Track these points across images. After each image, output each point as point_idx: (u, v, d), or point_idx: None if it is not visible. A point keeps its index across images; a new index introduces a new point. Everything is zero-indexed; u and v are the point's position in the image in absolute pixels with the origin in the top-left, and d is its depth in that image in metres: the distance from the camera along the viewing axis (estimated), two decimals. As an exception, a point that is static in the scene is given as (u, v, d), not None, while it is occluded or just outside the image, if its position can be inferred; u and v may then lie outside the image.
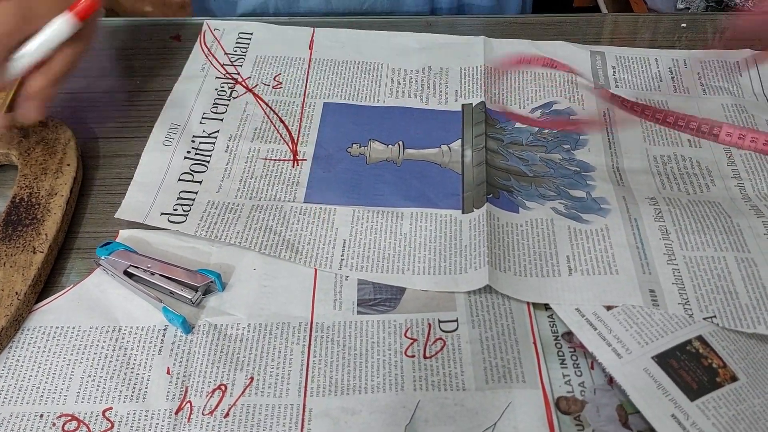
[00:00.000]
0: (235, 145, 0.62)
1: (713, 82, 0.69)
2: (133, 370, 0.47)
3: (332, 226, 0.55)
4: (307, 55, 0.71)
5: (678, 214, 0.55)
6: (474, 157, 0.60)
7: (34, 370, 0.47)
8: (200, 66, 0.69)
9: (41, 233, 0.52)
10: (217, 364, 0.47)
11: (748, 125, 0.64)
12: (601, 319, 0.48)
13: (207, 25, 0.73)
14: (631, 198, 0.57)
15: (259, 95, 0.66)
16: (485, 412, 0.44)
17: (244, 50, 0.71)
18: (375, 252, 0.53)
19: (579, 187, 0.58)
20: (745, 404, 0.43)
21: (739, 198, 0.57)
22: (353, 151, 0.61)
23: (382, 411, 0.45)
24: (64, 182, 0.56)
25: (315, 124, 0.64)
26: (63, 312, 0.50)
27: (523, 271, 0.52)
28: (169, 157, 0.60)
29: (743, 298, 0.49)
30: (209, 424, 0.44)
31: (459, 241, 0.54)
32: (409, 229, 0.55)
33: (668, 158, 0.61)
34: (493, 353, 0.47)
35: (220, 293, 0.51)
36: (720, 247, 0.52)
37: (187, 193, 0.57)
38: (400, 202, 0.57)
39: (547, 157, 0.61)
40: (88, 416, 0.45)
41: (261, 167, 0.60)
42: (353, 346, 0.48)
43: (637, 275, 0.51)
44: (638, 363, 0.45)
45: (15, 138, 0.59)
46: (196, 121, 0.63)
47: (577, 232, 0.54)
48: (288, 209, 0.56)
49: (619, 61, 0.70)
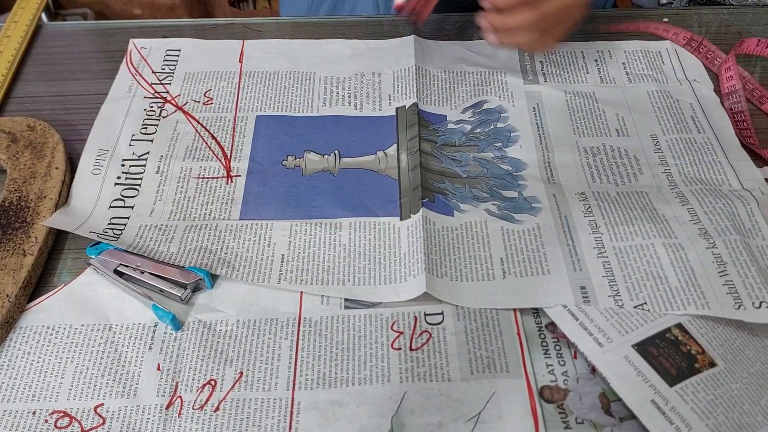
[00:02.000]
0: (166, 165, 0.60)
1: (638, 71, 0.70)
2: (124, 366, 0.48)
3: (269, 242, 0.54)
4: (237, 68, 0.69)
5: (606, 208, 0.56)
6: (409, 161, 0.60)
7: (26, 369, 0.47)
8: (127, 87, 0.67)
9: (31, 236, 0.53)
10: (206, 360, 0.48)
11: (673, 110, 0.66)
12: (583, 309, 0.49)
13: (133, 43, 0.72)
14: (561, 195, 0.58)
15: (189, 113, 0.65)
16: (470, 402, 0.45)
17: (173, 67, 0.69)
18: (314, 265, 0.53)
19: (511, 188, 0.58)
20: (723, 389, 0.44)
21: (666, 186, 0.59)
22: (288, 164, 0.60)
23: (369, 402, 0.46)
24: (53, 185, 0.56)
25: (248, 139, 0.62)
26: (54, 311, 0.50)
27: (459, 275, 0.52)
28: (99, 185, 0.58)
29: (672, 281, 0.50)
30: (199, 418, 0.45)
31: (398, 248, 0.54)
32: (348, 240, 0.54)
33: (597, 149, 0.62)
34: (478, 345, 0.48)
35: (210, 291, 0.52)
36: (648, 235, 0.54)
37: (119, 218, 0.56)
38: (338, 213, 0.56)
39: (480, 157, 0.61)
40: (80, 413, 0.45)
41: (194, 186, 0.58)
42: (341, 340, 0.49)
43: (568, 273, 0.52)
44: (619, 351, 0.46)
45: (3, 142, 0.59)
46: (125, 143, 0.62)
47: (510, 233, 0.55)
48: (223, 227, 0.55)
49: (547, 56, 0.71)
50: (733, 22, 0.77)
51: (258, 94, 0.67)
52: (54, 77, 0.70)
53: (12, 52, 0.71)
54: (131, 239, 0.54)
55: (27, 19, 0.75)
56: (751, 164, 0.61)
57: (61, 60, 0.72)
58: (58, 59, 0.72)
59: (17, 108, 0.66)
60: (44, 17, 0.77)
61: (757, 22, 0.77)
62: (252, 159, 0.61)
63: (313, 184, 0.59)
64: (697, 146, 0.63)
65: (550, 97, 0.67)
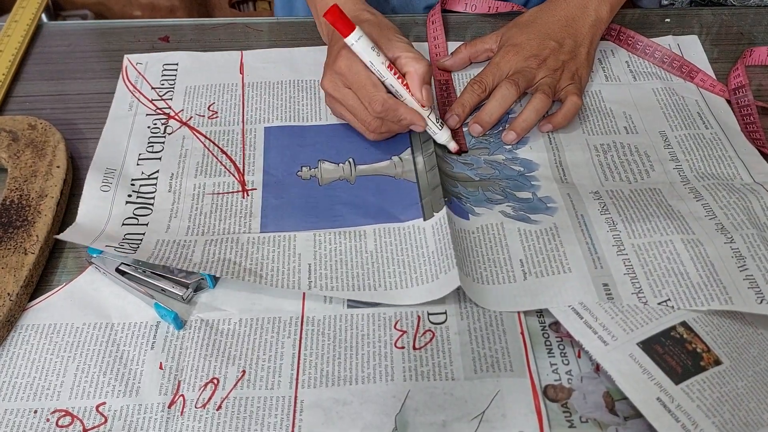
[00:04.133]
0: (178, 183, 0.59)
1: (642, 69, 0.70)
2: (126, 365, 0.47)
3: (294, 252, 0.53)
4: (238, 80, 0.68)
5: (622, 206, 0.56)
6: (426, 162, 0.60)
7: (27, 368, 0.47)
8: (128, 104, 0.66)
9: (32, 235, 0.53)
10: (209, 359, 0.48)
11: (679, 106, 0.66)
12: (587, 308, 0.49)
13: (127, 60, 0.70)
14: (575, 194, 0.57)
15: (195, 128, 0.64)
16: (474, 401, 0.45)
17: (172, 82, 0.68)
18: (343, 273, 0.52)
19: (524, 189, 0.58)
20: (729, 386, 0.44)
21: (678, 181, 0.59)
22: (303, 174, 0.60)
23: (373, 401, 0.45)
24: (54, 184, 0.56)
25: (259, 151, 0.61)
26: (56, 310, 0.50)
27: (480, 278, 0.51)
28: (110, 203, 0.57)
29: (694, 278, 0.50)
30: (202, 416, 0.45)
31: (426, 248, 0.53)
32: (374, 247, 0.54)
33: (608, 146, 0.62)
34: (482, 344, 0.48)
35: (212, 290, 0.51)
36: (666, 232, 0.53)
37: (134, 235, 0.54)
38: (360, 221, 0.56)
39: (491, 159, 0.61)
40: (82, 411, 0.45)
41: (209, 203, 0.57)
42: (344, 339, 0.49)
43: (590, 271, 0.51)
44: (624, 349, 0.46)
45: (4, 141, 0.59)
46: (132, 163, 0.60)
47: (528, 234, 0.54)
48: (245, 240, 0.54)
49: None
50: (735, 22, 0.77)
51: (264, 105, 0.66)
52: (54, 76, 0.70)
53: (12, 51, 0.71)
54: (149, 253, 0.52)
55: (28, 18, 0.74)
56: (760, 159, 0.61)
57: (61, 59, 0.72)
58: (58, 58, 0.72)
59: (17, 107, 0.66)
60: (44, 18, 0.77)
61: (758, 23, 0.77)
62: (266, 172, 0.60)
63: (332, 194, 0.58)
64: (706, 142, 0.63)
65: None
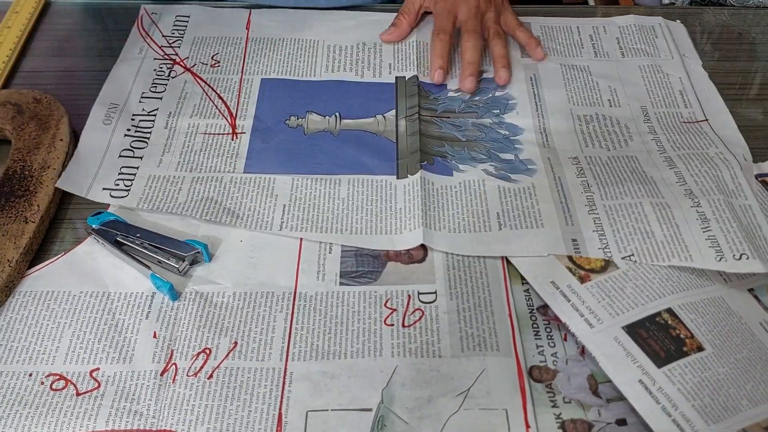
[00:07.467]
0: (175, 121, 0.63)
1: (631, 45, 0.73)
2: (120, 333, 0.48)
3: (272, 193, 0.57)
4: (244, 35, 0.72)
5: (598, 171, 0.59)
6: (408, 127, 0.63)
7: (24, 332, 0.48)
8: (138, 49, 0.70)
9: (33, 204, 0.54)
10: (202, 329, 0.48)
11: (662, 84, 0.68)
12: (575, 291, 0.50)
13: (144, 9, 0.75)
14: (555, 158, 0.60)
15: (197, 74, 0.68)
16: (459, 378, 0.46)
17: (182, 32, 0.72)
18: (314, 215, 0.56)
19: (508, 151, 0.61)
20: (710, 372, 0.45)
21: (655, 150, 0.61)
22: (291, 123, 0.63)
23: (361, 375, 0.46)
24: (57, 156, 0.57)
25: (253, 99, 0.65)
26: (54, 278, 0.51)
27: (457, 227, 0.55)
28: (109, 135, 0.61)
29: (658, 236, 0.53)
30: (193, 384, 0.46)
31: (394, 203, 0.57)
32: (347, 194, 0.57)
33: (590, 117, 0.65)
34: (470, 323, 0.49)
35: (207, 264, 0.52)
36: (637, 195, 0.57)
37: (129, 168, 0.59)
38: (337, 170, 0.59)
39: (479, 122, 0.64)
40: (76, 376, 0.46)
41: (200, 141, 0.61)
42: (334, 315, 0.50)
43: (561, 227, 0.54)
44: (609, 332, 0.47)
45: (9, 113, 0.60)
46: (135, 100, 0.65)
47: (507, 191, 0.57)
48: (228, 180, 0.58)
49: (544, 30, 0.74)
50: (734, 23, 0.77)
51: (263, 58, 0.70)
52: (61, 53, 0.71)
53: (20, 27, 0.72)
54: (141, 190, 0.57)
55: (36, -5, 0.75)
56: (736, 133, 0.63)
57: (68, 36, 0.73)
58: (65, 36, 0.73)
59: (24, 82, 0.67)
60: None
61: (757, 24, 0.77)
62: (256, 118, 0.64)
63: (314, 143, 0.62)
64: (684, 119, 0.65)
65: (546, 69, 0.70)
